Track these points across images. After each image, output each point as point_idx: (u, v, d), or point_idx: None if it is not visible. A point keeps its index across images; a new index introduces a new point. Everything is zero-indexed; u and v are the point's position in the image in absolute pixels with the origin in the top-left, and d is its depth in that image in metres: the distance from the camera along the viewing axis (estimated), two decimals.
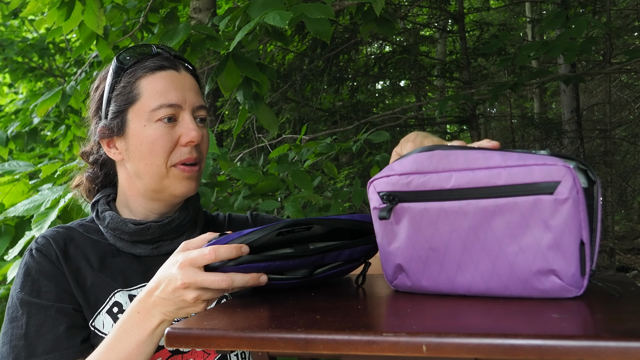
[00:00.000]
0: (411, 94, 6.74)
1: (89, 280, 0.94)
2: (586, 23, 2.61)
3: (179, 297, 0.74)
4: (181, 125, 0.95)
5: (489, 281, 0.68)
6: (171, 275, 0.74)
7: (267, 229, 0.74)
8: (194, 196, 1.07)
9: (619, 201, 7.77)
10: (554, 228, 0.63)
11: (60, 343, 0.87)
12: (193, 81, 1.00)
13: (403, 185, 0.72)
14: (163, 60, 0.97)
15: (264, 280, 0.75)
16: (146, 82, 0.95)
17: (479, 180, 0.67)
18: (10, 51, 6.16)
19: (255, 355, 0.66)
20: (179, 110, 0.95)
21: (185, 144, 0.95)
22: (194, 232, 1.04)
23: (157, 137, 0.94)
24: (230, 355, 0.98)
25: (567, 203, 0.63)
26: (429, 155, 0.71)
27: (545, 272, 0.65)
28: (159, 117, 0.94)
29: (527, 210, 0.64)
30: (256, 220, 1.16)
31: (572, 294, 0.65)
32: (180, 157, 0.95)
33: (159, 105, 0.93)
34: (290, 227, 0.76)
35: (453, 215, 0.68)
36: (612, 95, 6.34)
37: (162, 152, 0.94)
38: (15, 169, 1.92)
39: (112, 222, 0.98)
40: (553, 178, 0.63)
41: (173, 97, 0.94)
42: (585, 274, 0.65)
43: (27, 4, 2.61)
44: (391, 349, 0.53)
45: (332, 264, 0.85)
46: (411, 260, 0.73)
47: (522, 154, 0.66)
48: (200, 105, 0.98)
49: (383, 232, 0.76)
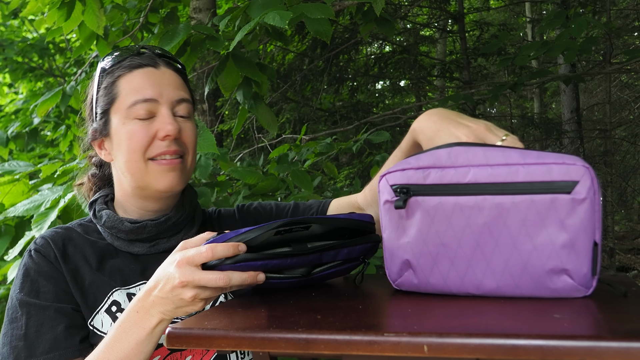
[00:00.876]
0: (411, 94, 6.74)
1: (88, 280, 0.94)
2: (586, 23, 2.62)
3: (177, 295, 0.74)
4: (158, 119, 0.94)
5: (500, 279, 0.68)
6: (169, 274, 0.74)
7: (265, 228, 0.74)
8: (190, 194, 1.06)
9: (619, 201, 7.77)
10: (569, 227, 0.64)
11: (59, 343, 0.87)
12: (174, 76, 0.99)
13: (419, 178, 0.72)
14: (142, 58, 0.97)
15: (261, 278, 0.75)
16: (124, 80, 0.95)
17: (496, 176, 0.67)
18: (10, 51, 6.16)
19: (256, 355, 0.66)
20: (156, 105, 0.94)
21: (162, 138, 0.94)
22: (191, 229, 1.04)
23: (134, 132, 0.94)
24: (229, 353, 0.98)
25: (585, 203, 0.63)
26: (448, 151, 0.71)
27: (558, 272, 0.65)
28: (135, 113, 0.94)
29: (543, 209, 0.64)
30: (242, 212, 1.16)
31: (582, 293, 0.65)
32: (158, 150, 0.94)
33: (134, 102, 0.93)
34: (288, 226, 0.75)
35: (468, 211, 0.68)
36: (612, 95, 6.34)
37: (139, 147, 0.94)
38: (15, 169, 1.92)
39: (108, 220, 0.98)
40: (571, 177, 0.63)
41: (149, 92, 0.94)
42: (596, 274, 0.65)
43: (27, 4, 2.61)
44: (392, 349, 0.53)
45: (330, 263, 0.85)
46: (421, 256, 0.72)
47: (542, 152, 0.66)
48: (180, 99, 0.97)
49: (392, 227, 0.75)
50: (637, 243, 7.22)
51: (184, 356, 0.93)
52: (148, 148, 0.94)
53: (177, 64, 1.03)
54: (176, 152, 0.95)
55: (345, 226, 0.82)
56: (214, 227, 1.11)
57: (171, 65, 1.01)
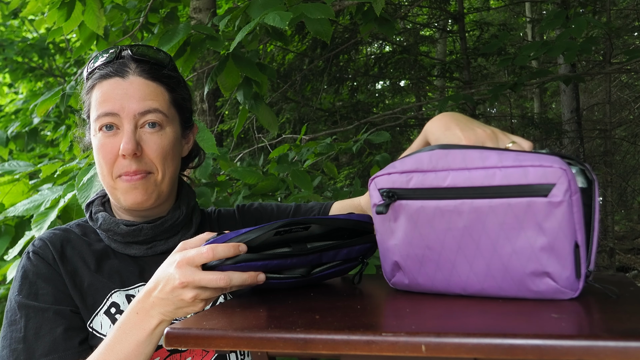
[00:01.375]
0: (411, 94, 6.74)
1: (86, 282, 0.94)
2: (586, 23, 2.62)
3: (177, 296, 0.74)
4: (120, 135, 0.92)
5: (484, 281, 0.68)
6: (169, 275, 0.74)
7: (265, 228, 0.74)
8: (187, 194, 1.05)
9: (619, 201, 7.76)
10: (547, 231, 0.63)
11: (58, 345, 0.87)
12: (143, 85, 0.94)
13: (403, 182, 0.72)
14: (113, 67, 0.95)
15: (261, 278, 0.75)
16: (95, 91, 0.95)
17: (474, 179, 0.66)
18: (10, 51, 6.16)
19: (254, 355, 0.66)
20: (119, 118, 0.92)
21: (121, 156, 0.92)
22: (189, 230, 1.04)
23: (99, 147, 0.93)
24: (229, 353, 0.98)
25: (561, 206, 0.62)
26: (429, 155, 0.71)
27: (539, 274, 0.64)
28: (99, 127, 0.93)
29: (520, 212, 0.64)
30: (242, 211, 1.15)
31: (568, 296, 0.65)
32: (121, 170, 0.93)
33: (97, 116, 0.93)
34: (288, 227, 0.76)
35: (448, 215, 0.68)
36: (612, 95, 6.34)
37: (104, 163, 0.93)
38: (15, 169, 1.92)
39: (104, 223, 0.98)
40: (548, 180, 0.62)
41: (108, 106, 0.92)
42: (580, 276, 0.64)
43: (27, 4, 2.61)
44: (390, 349, 0.53)
45: (329, 263, 0.85)
46: (408, 258, 0.73)
47: (520, 154, 0.65)
48: (145, 111, 0.92)
49: (382, 229, 0.76)
50: (637, 243, 7.22)
51: (183, 357, 0.93)
52: (114, 165, 0.93)
53: (159, 66, 0.98)
54: (137, 172, 0.92)
55: (344, 226, 0.82)
56: (212, 228, 1.11)
57: (145, 71, 0.95)
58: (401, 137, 6.04)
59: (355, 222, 0.83)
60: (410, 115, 5.17)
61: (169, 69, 0.99)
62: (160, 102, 0.95)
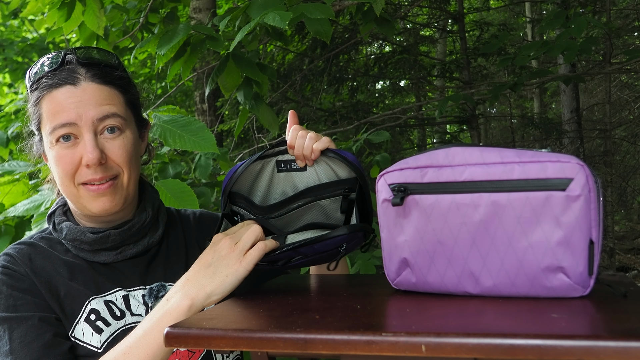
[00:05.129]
0: (411, 94, 6.74)
1: (62, 291, 0.91)
2: (586, 23, 2.61)
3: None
4: (81, 144, 0.90)
5: (497, 277, 0.68)
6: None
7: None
8: (151, 195, 1.04)
9: (619, 201, 7.76)
10: (564, 225, 0.64)
11: (49, 350, 0.84)
12: (97, 90, 0.91)
13: (416, 177, 0.72)
14: (61, 74, 0.91)
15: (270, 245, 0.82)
16: (45, 102, 0.92)
17: (492, 173, 0.67)
18: (10, 51, 6.17)
19: (254, 356, 0.66)
20: (77, 128, 0.89)
21: (85, 166, 0.90)
22: (157, 231, 1.01)
23: (59, 159, 0.91)
24: (215, 353, 0.97)
25: (579, 200, 0.63)
26: (446, 151, 0.72)
27: (554, 269, 0.65)
28: (56, 139, 0.90)
29: (538, 206, 0.65)
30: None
31: (579, 293, 0.65)
32: (84, 178, 0.91)
33: (52, 128, 0.90)
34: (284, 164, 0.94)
35: (464, 208, 0.69)
36: (612, 95, 6.34)
37: (65, 174, 0.91)
38: (15, 169, 1.92)
39: (69, 233, 0.95)
40: (566, 175, 0.64)
41: (64, 116, 0.89)
42: (593, 273, 0.65)
43: (27, 4, 2.61)
44: (390, 349, 0.53)
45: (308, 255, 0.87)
46: (418, 254, 0.73)
47: (537, 152, 0.67)
48: (104, 116, 0.90)
49: (390, 225, 0.76)
50: (637, 243, 7.22)
51: (170, 359, 0.92)
52: (75, 174, 0.91)
53: (110, 68, 0.95)
54: (103, 178, 0.91)
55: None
56: (183, 227, 1.09)
57: (96, 75, 0.93)
58: (401, 137, 6.04)
59: (355, 226, 0.83)
60: (410, 115, 5.17)
61: (120, 70, 0.97)
62: (117, 106, 0.93)
